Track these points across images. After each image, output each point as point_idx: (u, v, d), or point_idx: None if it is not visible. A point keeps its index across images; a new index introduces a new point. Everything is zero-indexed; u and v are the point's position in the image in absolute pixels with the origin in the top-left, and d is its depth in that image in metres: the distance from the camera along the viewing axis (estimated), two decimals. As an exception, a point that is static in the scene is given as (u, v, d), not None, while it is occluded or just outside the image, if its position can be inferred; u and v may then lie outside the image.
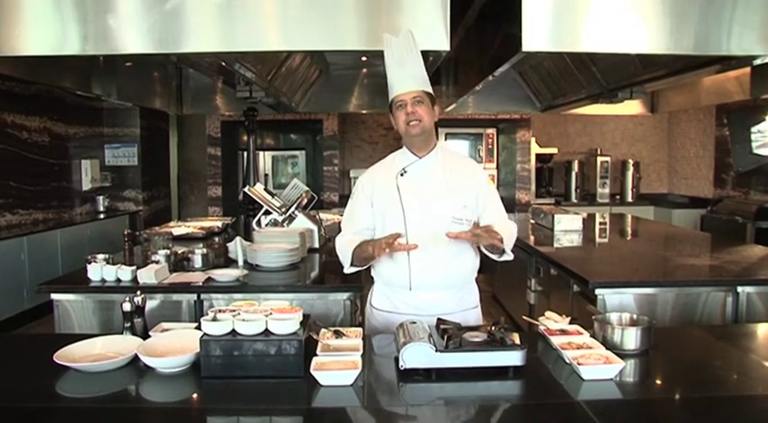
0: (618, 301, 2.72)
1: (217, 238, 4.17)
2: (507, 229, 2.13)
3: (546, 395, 1.56)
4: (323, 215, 4.30)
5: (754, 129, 6.21)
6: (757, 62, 2.88)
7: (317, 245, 3.56)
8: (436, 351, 1.60)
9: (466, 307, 2.19)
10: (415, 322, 1.78)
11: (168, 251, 3.00)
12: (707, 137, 7.19)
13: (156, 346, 1.75)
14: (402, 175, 2.13)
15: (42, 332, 4.48)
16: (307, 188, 3.90)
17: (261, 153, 7.81)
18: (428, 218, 2.08)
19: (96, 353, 1.75)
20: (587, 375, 1.58)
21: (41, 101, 6.08)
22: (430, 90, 2.09)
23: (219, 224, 4.53)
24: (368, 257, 2.07)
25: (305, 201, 3.82)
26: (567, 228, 4.44)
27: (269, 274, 2.96)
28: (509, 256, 2.16)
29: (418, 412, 1.52)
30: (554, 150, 7.72)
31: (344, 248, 2.14)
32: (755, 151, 6.22)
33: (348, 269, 2.17)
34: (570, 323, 1.95)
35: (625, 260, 3.66)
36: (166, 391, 1.60)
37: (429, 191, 2.10)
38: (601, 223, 5.20)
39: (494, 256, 2.16)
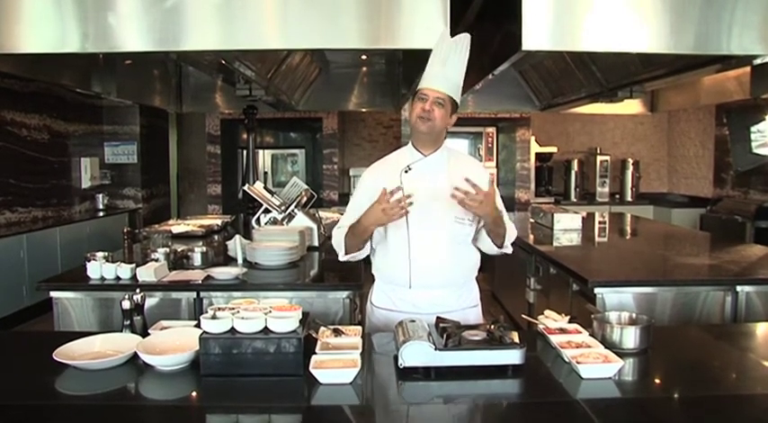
0: (617, 300, 2.72)
1: (216, 237, 4.17)
2: (509, 224, 2.17)
3: (545, 394, 1.56)
4: (322, 213, 4.29)
5: (753, 128, 6.22)
6: (757, 62, 2.87)
7: (316, 243, 3.56)
8: (435, 349, 1.60)
9: (466, 305, 2.19)
10: (414, 320, 1.78)
11: (168, 249, 3.00)
12: (707, 136, 7.19)
13: (156, 343, 1.74)
14: (406, 171, 2.13)
15: (41, 330, 4.47)
16: (306, 186, 3.90)
17: (260, 151, 7.81)
18: (430, 216, 2.07)
19: (96, 350, 1.75)
20: (586, 374, 1.58)
21: (41, 98, 6.07)
22: (457, 98, 2.08)
23: (219, 222, 4.52)
24: (362, 231, 2.04)
25: (304, 199, 3.82)
26: (567, 227, 4.44)
27: (268, 272, 2.96)
28: (508, 250, 2.19)
29: (417, 410, 1.52)
30: (554, 149, 7.71)
31: (339, 238, 2.17)
32: (755, 151, 6.22)
33: (342, 257, 2.18)
34: (569, 322, 1.95)
35: (624, 259, 3.66)
36: (166, 388, 1.60)
37: (432, 189, 2.10)
38: (600, 222, 5.20)
39: (494, 249, 2.16)
